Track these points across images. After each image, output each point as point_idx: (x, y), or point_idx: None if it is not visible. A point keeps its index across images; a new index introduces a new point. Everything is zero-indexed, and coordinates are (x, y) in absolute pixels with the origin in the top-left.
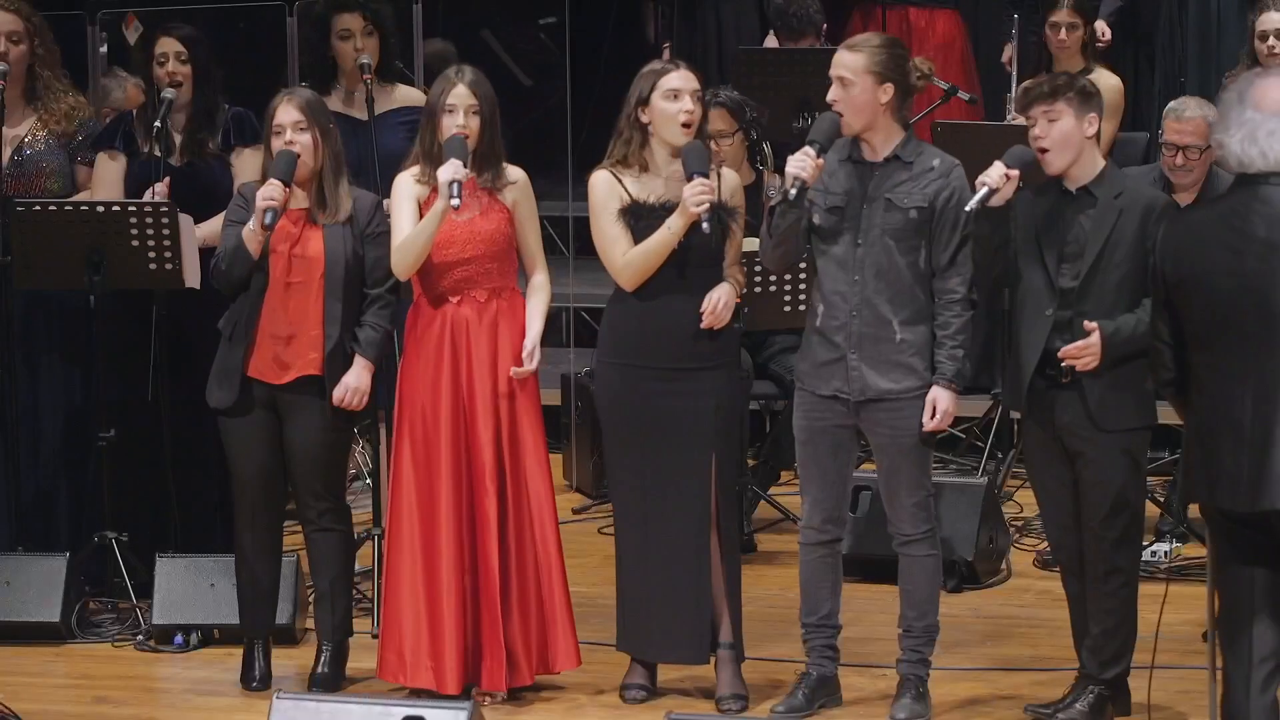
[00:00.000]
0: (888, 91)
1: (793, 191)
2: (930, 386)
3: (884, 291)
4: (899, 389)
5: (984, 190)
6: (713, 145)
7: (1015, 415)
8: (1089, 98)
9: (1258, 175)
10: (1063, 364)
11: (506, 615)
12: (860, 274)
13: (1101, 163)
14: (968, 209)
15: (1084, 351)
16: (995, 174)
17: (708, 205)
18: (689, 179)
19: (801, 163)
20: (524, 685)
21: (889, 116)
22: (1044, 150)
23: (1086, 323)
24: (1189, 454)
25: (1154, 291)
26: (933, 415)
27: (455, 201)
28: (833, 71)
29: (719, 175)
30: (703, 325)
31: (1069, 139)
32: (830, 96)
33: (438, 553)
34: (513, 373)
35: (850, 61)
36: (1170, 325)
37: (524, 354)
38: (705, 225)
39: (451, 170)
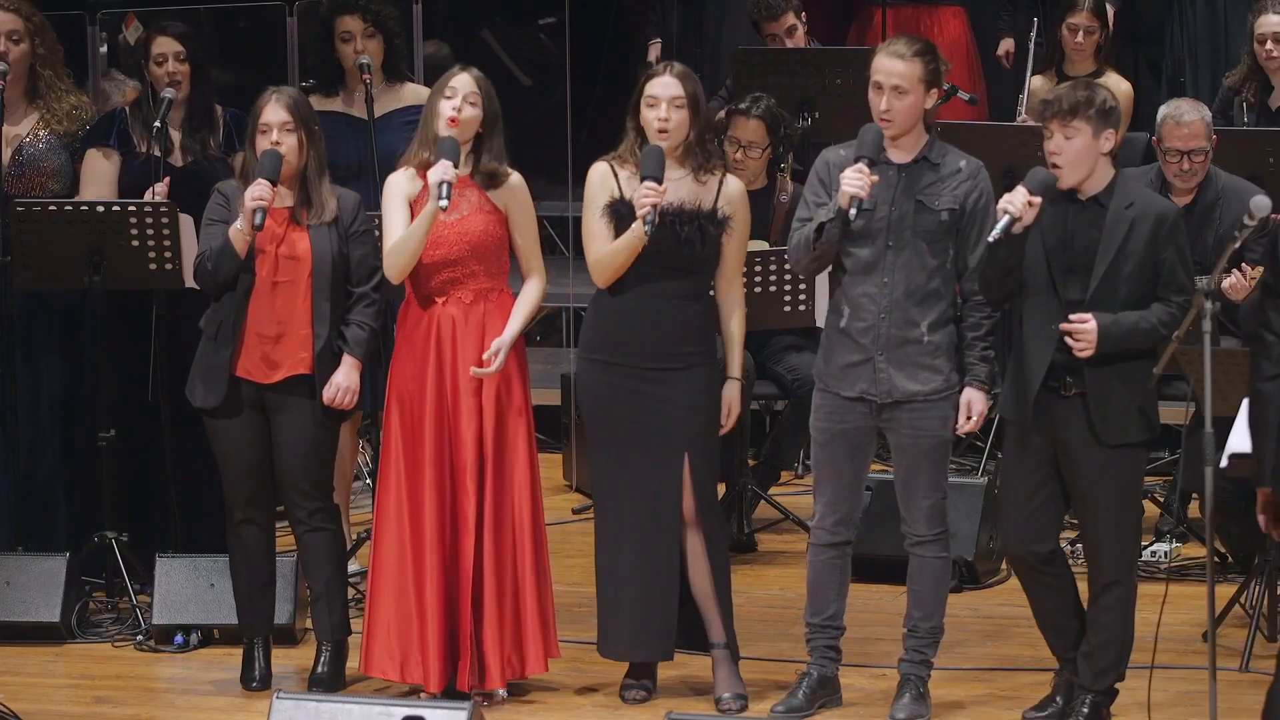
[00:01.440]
0: (933, 97)
1: (853, 212)
2: (953, 388)
3: (914, 294)
4: (926, 390)
5: (1006, 219)
6: (740, 155)
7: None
8: (1108, 114)
9: None
10: (1062, 338)
11: (480, 617)
12: (890, 276)
13: (1112, 172)
14: (990, 239)
15: (1081, 334)
16: (1018, 201)
17: (649, 208)
18: (641, 181)
19: (859, 181)
20: (493, 688)
21: (922, 120)
22: (1057, 165)
23: (1079, 314)
24: None
25: (1268, 282)
26: (968, 417)
27: (443, 203)
28: (883, 80)
29: (721, 183)
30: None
31: (1083, 156)
32: (883, 106)
33: (422, 551)
34: (472, 371)
35: (906, 71)
36: None
37: (486, 354)
38: (646, 227)
39: (441, 171)
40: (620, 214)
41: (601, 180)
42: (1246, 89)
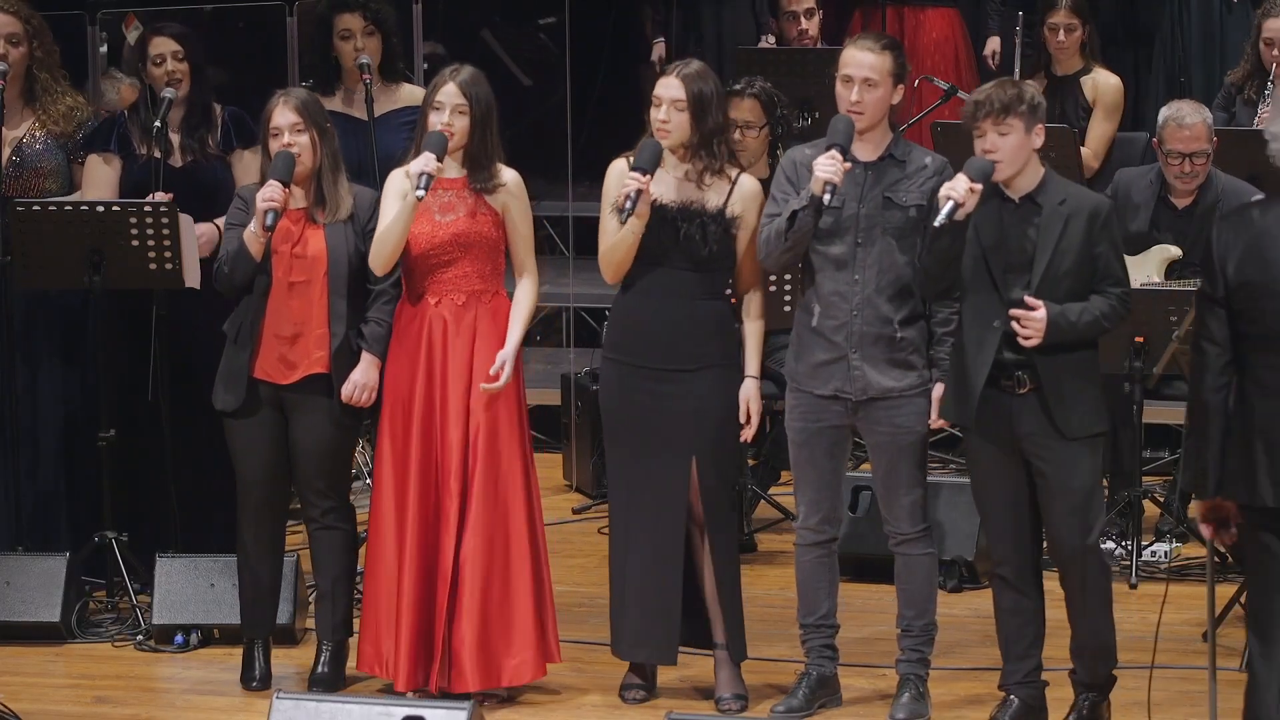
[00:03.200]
0: (899, 93)
1: (827, 197)
2: (926, 384)
3: (885, 290)
4: (900, 387)
5: (949, 205)
6: (738, 135)
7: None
8: (1036, 109)
9: None
10: (1010, 325)
11: (455, 619)
12: (861, 273)
13: (1042, 170)
14: (936, 224)
15: (1029, 322)
16: (960, 188)
17: (623, 197)
18: (630, 170)
19: (832, 167)
20: (466, 691)
21: (887, 117)
22: (994, 163)
23: (1030, 299)
24: (1242, 455)
25: (1206, 292)
26: (939, 413)
27: (420, 193)
28: (853, 72)
29: (734, 184)
30: (741, 438)
31: (1019, 151)
32: (854, 97)
33: (404, 551)
34: (481, 387)
35: (877, 63)
36: (1228, 324)
37: (493, 369)
38: (623, 216)
39: (422, 162)
40: None
41: (618, 178)
42: (1248, 86)
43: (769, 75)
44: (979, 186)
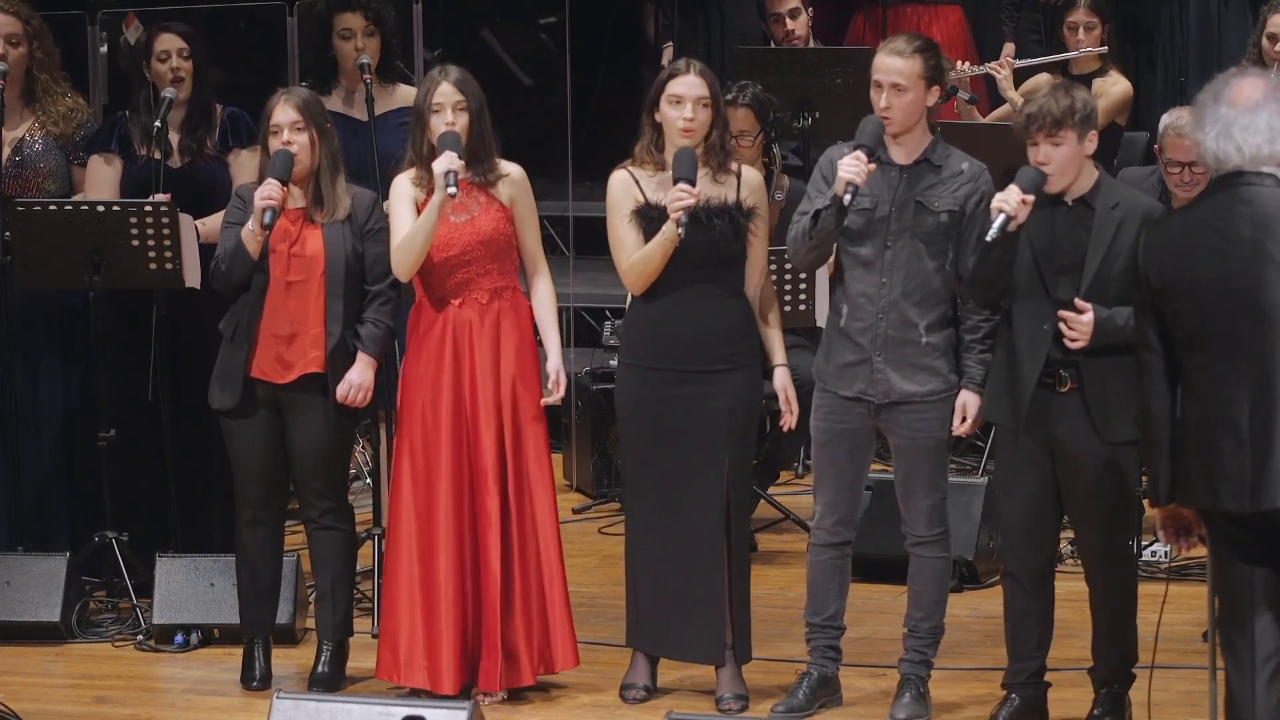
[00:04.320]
0: (934, 95)
1: (848, 197)
2: (951, 389)
3: (912, 295)
4: (924, 392)
5: (1001, 218)
6: (732, 144)
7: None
8: (1090, 117)
9: (1235, 174)
10: (1059, 327)
11: (508, 615)
12: (889, 276)
13: (1095, 173)
14: (989, 238)
15: (1076, 324)
16: (1013, 200)
17: (681, 211)
18: (675, 183)
19: (855, 167)
20: (525, 685)
21: (924, 119)
22: (1045, 173)
23: (1080, 302)
24: (1185, 457)
25: (1138, 297)
26: (963, 419)
27: (452, 190)
28: (882, 78)
29: (739, 176)
30: (783, 426)
31: (1072, 161)
32: (882, 104)
33: (436, 554)
34: (544, 403)
35: (905, 68)
36: (1158, 329)
37: (551, 382)
38: (680, 229)
39: (446, 161)
40: (649, 218)
41: (624, 188)
42: None
43: (769, 75)
44: (1031, 198)
